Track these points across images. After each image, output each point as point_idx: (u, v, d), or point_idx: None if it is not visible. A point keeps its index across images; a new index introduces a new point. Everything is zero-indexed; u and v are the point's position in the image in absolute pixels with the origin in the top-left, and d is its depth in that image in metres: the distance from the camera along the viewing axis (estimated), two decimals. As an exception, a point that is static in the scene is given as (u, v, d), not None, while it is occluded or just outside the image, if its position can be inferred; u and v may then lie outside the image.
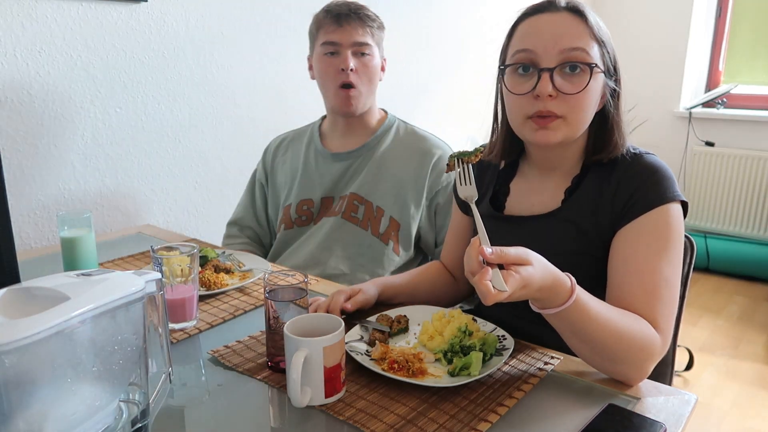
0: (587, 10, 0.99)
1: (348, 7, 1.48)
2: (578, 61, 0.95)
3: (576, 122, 0.98)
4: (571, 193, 1.04)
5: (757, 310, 3.10)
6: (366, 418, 0.81)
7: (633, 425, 0.79)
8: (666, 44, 3.72)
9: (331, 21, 1.47)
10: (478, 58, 3.06)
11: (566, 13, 0.97)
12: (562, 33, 0.96)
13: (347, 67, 1.45)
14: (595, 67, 0.96)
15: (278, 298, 0.93)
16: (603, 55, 0.98)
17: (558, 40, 0.95)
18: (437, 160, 1.53)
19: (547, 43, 0.96)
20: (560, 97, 0.96)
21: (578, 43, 0.95)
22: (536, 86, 0.96)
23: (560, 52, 0.95)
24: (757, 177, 3.57)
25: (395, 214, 1.51)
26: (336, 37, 1.46)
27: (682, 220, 0.97)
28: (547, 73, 0.95)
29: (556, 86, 0.95)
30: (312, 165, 1.60)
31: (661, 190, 0.96)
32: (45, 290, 0.66)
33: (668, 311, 0.92)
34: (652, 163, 0.99)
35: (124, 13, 1.70)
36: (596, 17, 1.00)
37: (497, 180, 1.16)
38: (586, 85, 0.95)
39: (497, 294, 0.74)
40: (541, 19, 0.99)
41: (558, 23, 0.97)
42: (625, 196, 0.97)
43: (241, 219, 1.72)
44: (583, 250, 1.01)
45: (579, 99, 0.96)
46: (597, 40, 0.97)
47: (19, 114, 1.55)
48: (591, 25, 0.97)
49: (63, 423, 0.65)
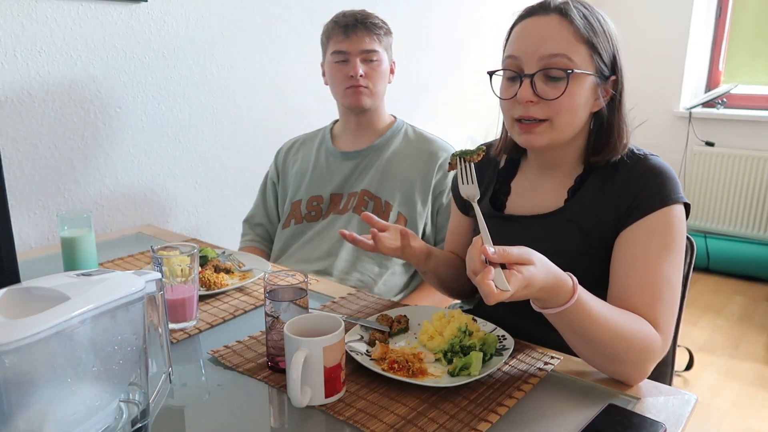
0: (577, 11, 0.97)
1: (355, 18, 1.55)
2: (557, 68, 0.96)
3: (561, 126, 0.99)
4: (573, 193, 1.05)
5: (757, 310, 3.10)
6: (366, 418, 0.81)
7: (633, 425, 0.79)
8: (666, 44, 3.72)
9: (339, 31, 1.55)
10: (478, 58, 3.06)
11: (554, 16, 0.97)
12: (545, 39, 0.97)
13: (356, 74, 1.54)
14: (574, 73, 0.96)
15: (278, 298, 0.93)
16: (592, 57, 0.98)
17: (539, 47, 0.96)
18: (443, 161, 1.59)
19: (528, 49, 0.98)
20: (542, 102, 0.97)
21: (558, 49, 0.96)
22: (517, 92, 0.98)
23: (540, 59, 0.96)
24: (757, 177, 3.57)
25: (403, 210, 1.56)
26: (344, 47, 1.54)
27: (685, 221, 0.98)
28: (527, 80, 0.97)
29: (538, 92, 0.97)
30: (322, 163, 1.67)
31: (665, 192, 0.96)
32: (45, 290, 0.66)
33: (669, 312, 0.92)
34: (656, 165, 0.99)
35: (124, 13, 1.70)
36: (594, 16, 0.99)
37: (497, 179, 1.16)
38: (564, 90, 0.96)
39: (500, 293, 0.74)
40: (529, 23, 1.00)
41: (543, 28, 0.98)
42: (629, 197, 0.98)
43: (252, 217, 1.80)
44: (586, 250, 1.01)
45: (560, 103, 0.97)
46: (585, 42, 0.97)
47: (19, 114, 1.55)
48: (578, 26, 0.96)
49: (63, 423, 0.65)
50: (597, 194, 1.01)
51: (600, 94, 1.01)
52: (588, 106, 1.00)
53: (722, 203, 3.71)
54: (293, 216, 1.66)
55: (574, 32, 0.96)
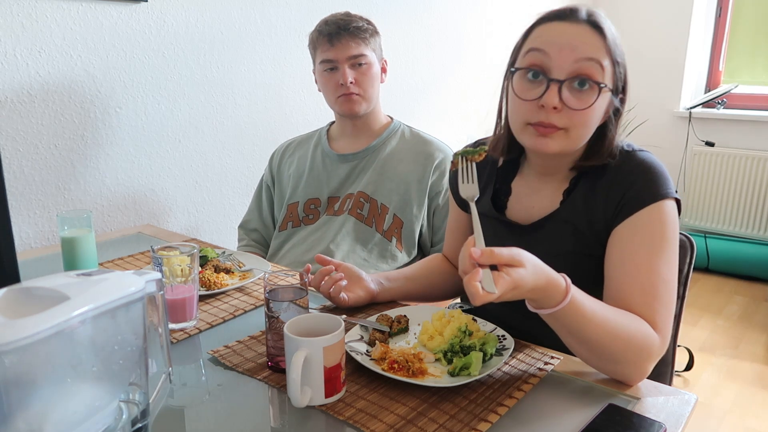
0: (607, 27, 0.96)
1: (337, 25, 1.52)
2: (589, 76, 0.93)
3: (577, 137, 0.97)
4: (568, 194, 1.04)
5: (757, 310, 3.10)
6: (366, 418, 0.81)
7: (633, 425, 0.79)
8: (666, 44, 3.72)
9: (324, 41, 1.53)
10: (478, 58, 3.06)
11: (586, 26, 0.95)
12: (579, 43, 0.94)
13: (346, 82, 1.52)
14: (604, 87, 0.94)
15: (278, 298, 0.93)
16: (615, 74, 0.96)
17: (574, 49, 0.93)
18: (439, 162, 1.58)
19: (562, 49, 0.93)
20: (565, 110, 0.94)
21: (594, 54, 0.93)
22: (543, 95, 0.94)
23: (575, 61, 0.93)
24: (757, 177, 3.57)
25: (399, 213, 1.56)
26: (331, 55, 1.53)
27: (677, 217, 0.97)
28: (556, 85, 0.93)
29: (563, 99, 0.93)
30: (319, 165, 1.66)
31: (654, 187, 0.95)
32: (45, 290, 0.66)
33: (666, 310, 0.92)
34: (645, 160, 0.98)
35: (124, 13, 1.70)
36: (615, 35, 0.97)
37: (497, 178, 1.15)
38: (593, 102, 0.94)
39: (485, 295, 0.74)
40: (560, 26, 0.96)
41: (577, 33, 0.94)
42: (618, 194, 0.97)
43: (247, 222, 1.79)
44: (581, 250, 1.01)
45: (583, 115, 0.94)
46: (612, 58, 0.95)
47: (19, 114, 1.55)
48: (609, 42, 0.94)
49: (63, 423, 0.65)
50: (588, 193, 1.01)
51: (610, 110, 0.99)
52: (599, 121, 0.99)
53: (722, 203, 3.71)
54: (290, 219, 1.66)
55: (605, 45, 0.94)
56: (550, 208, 1.05)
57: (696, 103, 3.71)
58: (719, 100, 3.65)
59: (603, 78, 0.94)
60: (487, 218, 1.12)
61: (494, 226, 1.11)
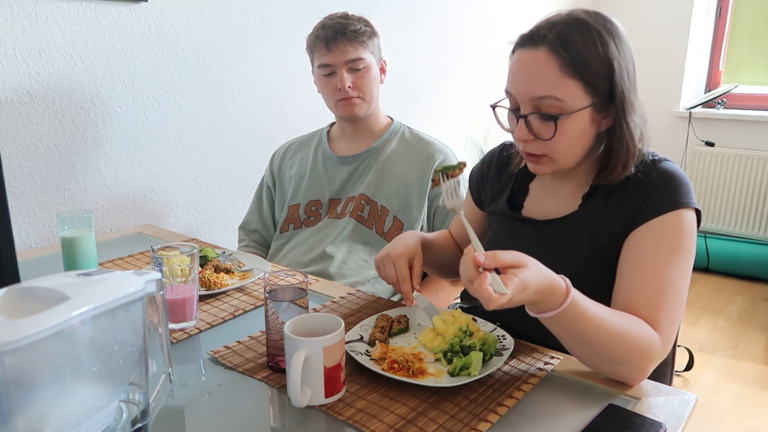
0: (569, 41, 0.92)
1: (334, 30, 1.51)
2: (544, 111, 0.95)
3: (561, 159, 0.99)
4: (587, 198, 1.05)
5: (757, 310, 3.10)
6: (366, 418, 0.81)
7: (633, 425, 0.79)
8: (666, 44, 3.72)
9: (321, 45, 1.53)
10: (478, 58, 3.06)
11: (542, 51, 0.93)
12: (534, 79, 0.94)
13: (344, 86, 1.52)
14: (563, 117, 0.94)
15: (278, 298, 0.93)
16: (585, 89, 0.93)
17: (528, 87, 0.95)
18: (439, 164, 1.57)
19: (519, 88, 0.97)
20: (537, 140, 0.97)
21: (545, 91, 0.93)
22: (515, 130, 0.99)
23: (530, 100, 0.95)
24: (757, 177, 3.57)
25: (399, 215, 1.55)
26: (328, 60, 1.52)
27: (695, 228, 0.97)
28: (522, 120, 0.97)
29: (534, 131, 0.97)
30: (320, 167, 1.66)
31: (676, 195, 0.96)
32: (45, 290, 0.66)
33: (672, 315, 0.92)
34: (669, 170, 1.00)
35: (124, 13, 1.70)
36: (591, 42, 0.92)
37: (516, 178, 1.16)
38: (554, 133, 0.95)
39: (499, 297, 0.75)
40: (520, 58, 0.97)
41: (531, 66, 0.94)
42: (640, 200, 0.97)
43: (247, 223, 1.79)
44: (597, 253, 1.01)
45: (554, 143, 0.96)
46: (577, 75, 0.92)
47: (19, 114, 1.55)
48: (567, 62, 0.92)
49: (63, 423, 0.65)
50: (609, 198, 1.01)
51: (600, 118, 0.98)
52: (588, 134, 0.98)
53: (722, 203, 3.71)
54: (291, 220, 1.66)
55: (563, 68, 0.92)
56: (568, 210, 1.06)
57: (696, 103, 3.71)
58: (719, 100, 3.65)
59: (566, 104, 0.93)
60: (503, 217, 1.13)
61: (509, 224, 1.12)
